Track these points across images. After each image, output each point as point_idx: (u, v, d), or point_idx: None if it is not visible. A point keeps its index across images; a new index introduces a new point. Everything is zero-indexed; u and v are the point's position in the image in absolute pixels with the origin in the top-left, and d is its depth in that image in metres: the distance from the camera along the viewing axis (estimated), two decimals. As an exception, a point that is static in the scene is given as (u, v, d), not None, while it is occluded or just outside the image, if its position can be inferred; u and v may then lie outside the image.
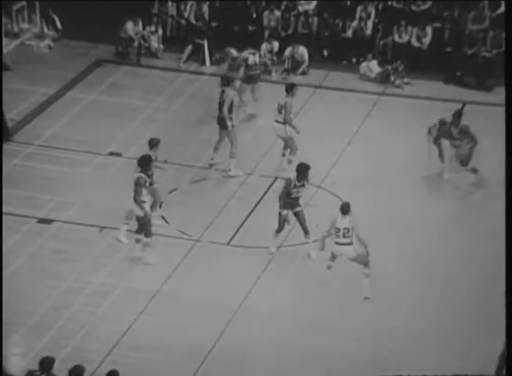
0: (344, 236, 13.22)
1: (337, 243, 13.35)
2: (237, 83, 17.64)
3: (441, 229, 15.24)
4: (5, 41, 21.46)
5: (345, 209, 13.31)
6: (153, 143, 14.91)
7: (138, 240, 14.12)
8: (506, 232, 10.11)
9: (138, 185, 13.80)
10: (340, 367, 12.16)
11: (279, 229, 14.57)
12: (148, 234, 14.06)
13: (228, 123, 16.49)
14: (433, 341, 12.65)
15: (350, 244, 13.26)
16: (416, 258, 14.30)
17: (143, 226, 14.01)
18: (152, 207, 14.67)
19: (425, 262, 14.27)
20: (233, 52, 19.32)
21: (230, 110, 16.48)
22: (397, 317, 13.11)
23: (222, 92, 16.68)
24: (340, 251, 13.37)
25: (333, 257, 13.57)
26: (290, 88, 16.54)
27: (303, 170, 14.26)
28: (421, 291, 13.59)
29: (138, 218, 13.99)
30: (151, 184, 14.61)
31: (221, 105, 16.55)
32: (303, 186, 14.37)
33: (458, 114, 16.48)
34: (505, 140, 10.49)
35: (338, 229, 13.25)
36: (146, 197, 13.95)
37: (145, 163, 14.03)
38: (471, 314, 13.20)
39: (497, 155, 13.53)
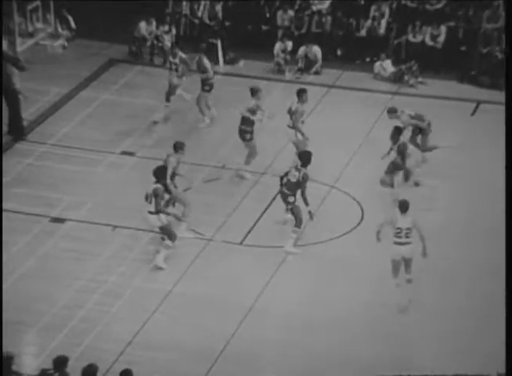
0: (406, 236, 12.88)
1: (398, 243, 12.92)
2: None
3: (444, 230, 15.11)
4: (19, 40, 21.54)
5: (404, 207, 12.88)
6: (177, 147, 14.87)
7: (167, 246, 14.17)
8: (506, 232, 10.06)
9: (157, 196, 13.75)
10: (347, 367, 12.14)
11: (300, 224, 14.48)
12: (172, 238, 14.03)
13: (247, 136, 16.27)
14: (433, 341, 12.61)
15: (410, 243, 12.94)
16: (418, 258, 14.18)
17: (167, 233, 14.01)
18: (183, 213, 14.79)
19: (427, 262, 14.12)
20: (182, 54, 18.45)
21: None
22: (397, 317, 13.07)
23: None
24: (400, 251, 12.95)
25: (397, 268, 13.04)
26: (300, 94, 16.37)
27: (306, 158, 14.39)
28: (421, 291, 13.48)
29: (160, 229, 14.02)
30: (169, 191, 14.63)
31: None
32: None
33: (398, 131, 15.97)
34: (505, 140, 10.43)
35: (400, 230, 12.86)
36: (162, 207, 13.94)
37: (160, 174, 13.98)
38: (471, 314, 13.15)
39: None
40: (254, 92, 16.42)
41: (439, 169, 16.89)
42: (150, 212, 13.84)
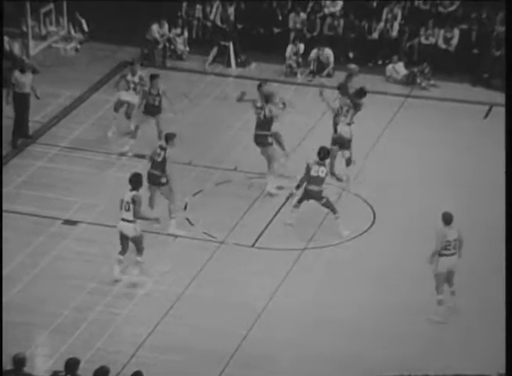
0: (453, 247, 12.85)
1: (446, 255, 12.83)
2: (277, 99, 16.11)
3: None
4: (32, 43, 21.63)
5: (449, 219, 12.83)
6: (169, 138, 14.76)
7: (137, 262, 13.72)
8: (506, 232, 10.00)
9: (138, 203, 13.32)
10: (351, 368, 12.15)
11: (336, 210, 14.95)
12: (141, 252, 13.66)
13: (270, 139, 15.80)
14: (433, 341, 12.62)
15: (456, 254, 12.91)
16: (416, 259, 14.15)
17: (138, 245, 13.62)
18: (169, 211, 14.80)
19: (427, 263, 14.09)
20: (141, 72, 17.92)
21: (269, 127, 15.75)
22: (400, 319, 13.06)
23: (261, 108, 15.85)
24: (448, 263, 12.88)
25: (441, 283, 12.94)
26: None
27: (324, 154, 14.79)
28: (423, 291, 13.44)
29: (133, 239, 13.54)
30: (165, 184, 14.62)
31: (260, 122, 15.74)
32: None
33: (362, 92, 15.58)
34: (505, 140, 10.36)
35: (449, 242, 12.81)
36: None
37: (136, 181, 13.52)
38: (471, 314, 13.13)
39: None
40: (267, 97, 15.94)
41: (444, 171, 16.87)
42: (127, 220, 13.40)
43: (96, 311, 13.16)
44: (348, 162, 15.98)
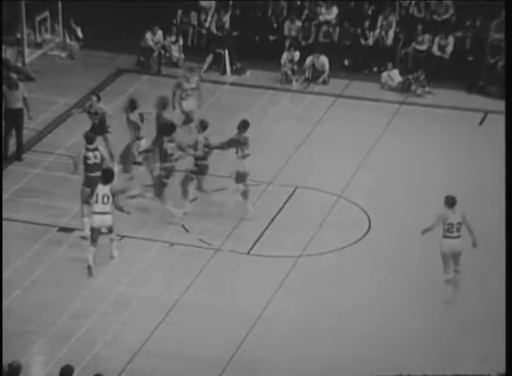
0: (457, 230, 13.02)
1: (449, 237, 13.05)
2: None
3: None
4: (27, 51, 21.63)
5: (452, 202, 13.03)
6: (91, 138, 15.04)
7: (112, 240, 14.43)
8: (506, 232, 10.02)
9: (115, 194, 14.02)
10: (351, 373, 12.16)
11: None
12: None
13: None
14: (433, 341, 12.66)
15: (460, 237, 13.09)
16: (419, 261, 14.21)
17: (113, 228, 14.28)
18: None
19: (428, 263, 14.12)
20: (185, 83, 17.83)
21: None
22: (399, 323, 13.09)
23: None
24: (450, 245, 13.08)
25: (447, 262, 13.20)
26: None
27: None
28: (422, 292, 13.54)
29: (110, 227, 14.18)
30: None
31: None
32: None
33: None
34: (505, 141, 10.40)
35: (451, 225, 12.99)
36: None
37: (109, 176, 14.09)
38: (471, 314, 13.18)
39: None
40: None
41: (440, 178, 16.91)
42: (106, 213, 13.92)
43: (92, 318, 13.14)
44: (245, 195, 15.72)
